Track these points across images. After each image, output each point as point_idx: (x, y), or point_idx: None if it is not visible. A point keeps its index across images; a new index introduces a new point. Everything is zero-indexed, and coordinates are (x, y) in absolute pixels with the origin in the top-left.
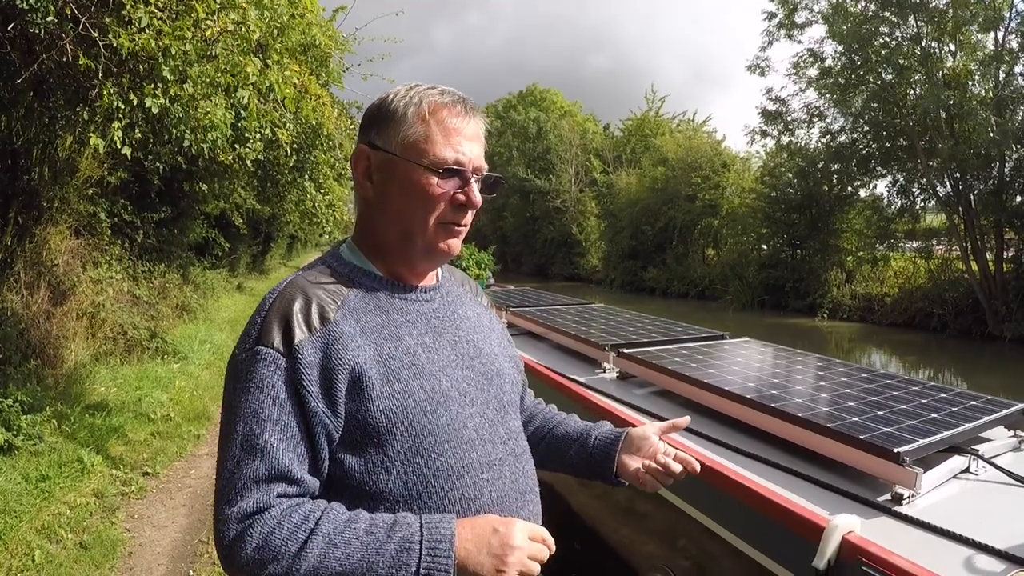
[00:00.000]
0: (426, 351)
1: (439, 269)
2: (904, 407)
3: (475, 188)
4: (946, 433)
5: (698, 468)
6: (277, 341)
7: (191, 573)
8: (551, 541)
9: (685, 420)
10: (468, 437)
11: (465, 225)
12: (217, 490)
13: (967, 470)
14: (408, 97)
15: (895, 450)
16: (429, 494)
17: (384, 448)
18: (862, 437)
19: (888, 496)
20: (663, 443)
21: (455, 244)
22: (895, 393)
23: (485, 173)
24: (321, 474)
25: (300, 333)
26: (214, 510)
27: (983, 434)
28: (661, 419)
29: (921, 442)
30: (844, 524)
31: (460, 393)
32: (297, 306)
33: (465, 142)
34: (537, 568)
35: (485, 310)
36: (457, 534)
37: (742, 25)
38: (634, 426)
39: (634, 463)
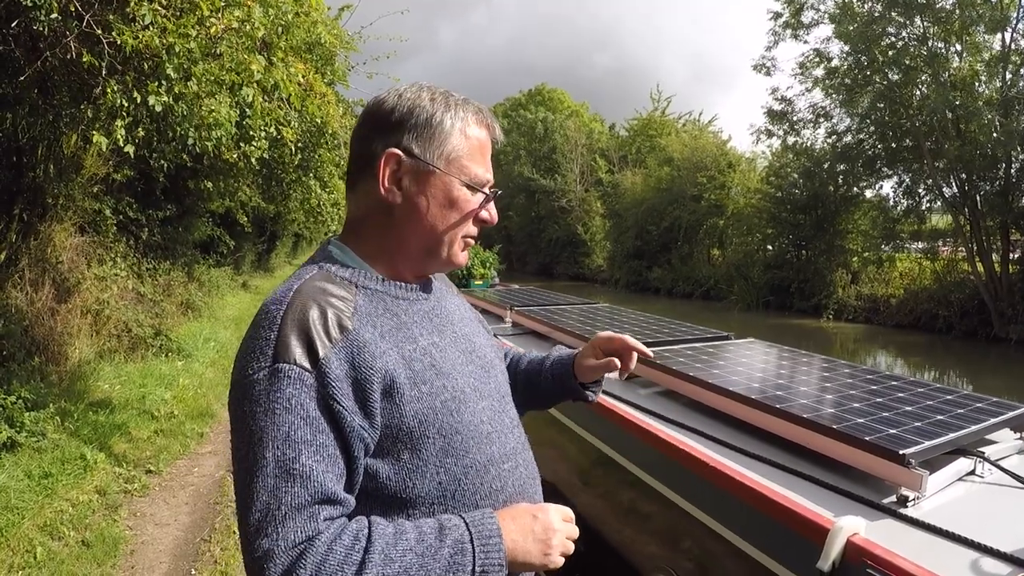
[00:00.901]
0: (438, 350)
1: None
2: (909, 409)
3: (493, 205)
4: (951, 435)
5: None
6: (299, 356)
7: (193, 572)
8: (574, 517)
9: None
10: (486, 431)
11: (477, 238)
12: (251, 524)
13: (972, 472)
14: (452, 109)
15: (900, 452)
16: (462, 492)
17: (419, 452)
18: (867, 439)
19: (893, 498)
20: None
21: (466, 256)
22: (900, 395)
23: (494, 190)
24: (355, 489)
25: (323, 345)
26: (249, 546)
27: (989, 436)
28: (666, 419)
29: (926, 444)
30: (849, 526)
31: (472, 389)
32: (313, 316)
33: (489, 161)
34: (572, 547)
35: (460, 300)
36: (502, 526)
37: (742, 25)
38: (638, 426)
39: (594, 361)
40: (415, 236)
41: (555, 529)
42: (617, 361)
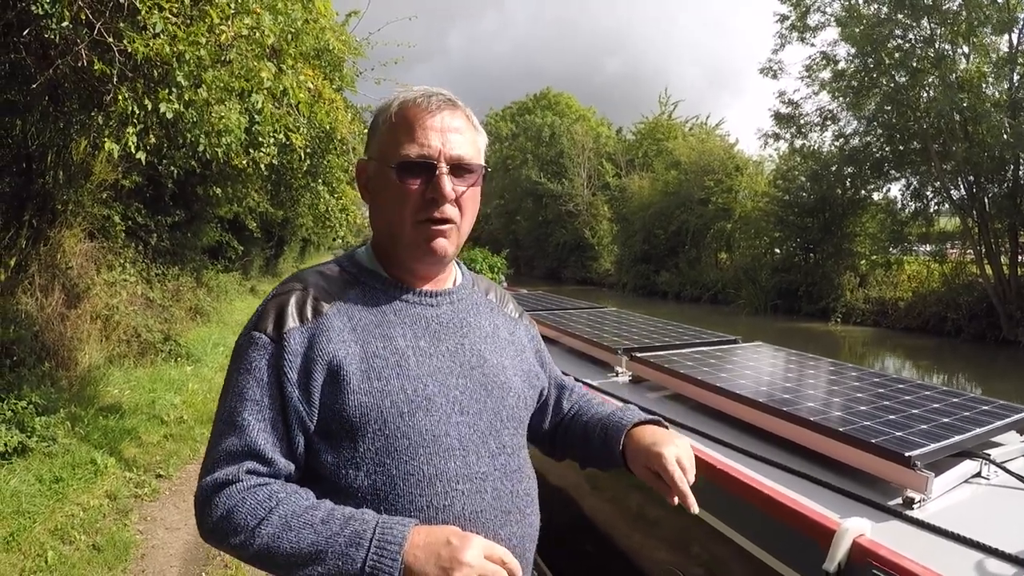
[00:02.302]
0: (417, 354)
1: (458, 275)
2: (916, 411)
3: (445, 180)
4: (958, 437)
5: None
6: (270, 328)
7: (203, 575)
8: (513, 565)
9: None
10: (448, 445)
11: (447, 219)
12: (204, 459)
13: (978, 474)
14: (386, 104)
15: (906, 454)
16: (396, 496)
17: (356, 444)
18: (873, 441)
19: (899, 500)
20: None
21: (441, 242)
22: (907, 397)
23: (466, 164)
24: (297, 459)
25: (292, 322)
26: (199, 475)
27: (995, 439)
28: (673, 422)
29: (932, 446)
30: (855, 528)
31: (448, 400)
32: (295, 297)
33: (432, 134)
34: None
35: (510, 321)
36: (409, 539)
37: (751, 28)
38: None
39: (648, 473)
40: (379, 228)
41: (463, 563)
42: (674, 497)
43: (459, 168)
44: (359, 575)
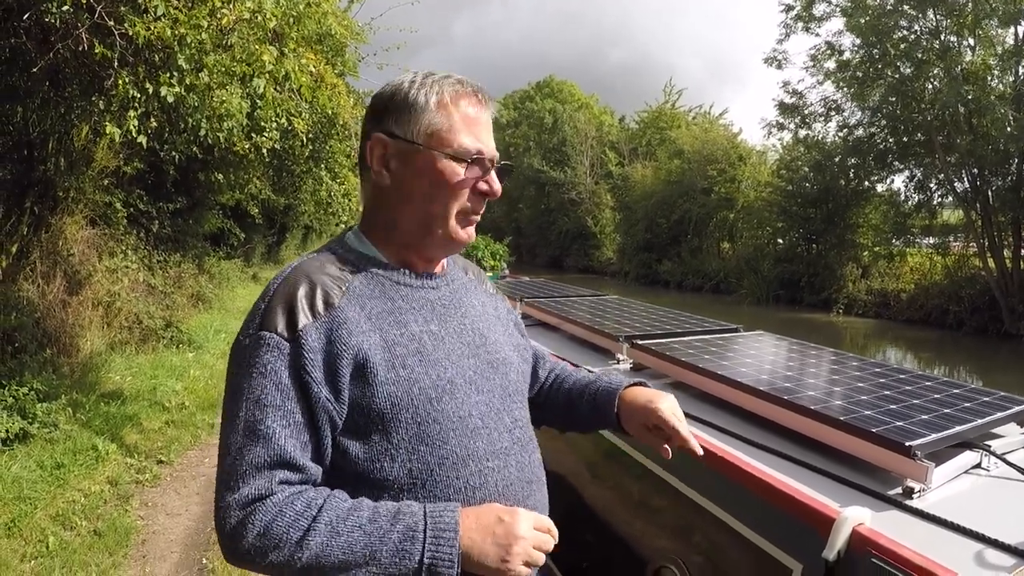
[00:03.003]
0: (432, 338)
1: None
2: (916, 402)
3: (495, 176)
4: (958, 428)
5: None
6: (281, 326)
7: (204, 560)
8: (554, 532)
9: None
10: (473, 425)
11: (481, 214)
12: (219, 476)
13: (978, 465)
14: (428, 86)
15: (906, 444)
16: (434, 482)
17: (388, 435)
18: (874, 430)
19: (899, 490)
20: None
21: (472, 232)
22: (908, 388)
23: (500, 163)
24: (324, 461)
25: (304, 318)
26: (216, 496)
27: (995, 430)
28: None
29: (932, 437)
30: (854, 516)
31: (466, 381)
32: (302, 291)
33: (485, 131)
34: (542, 558)
35: (491, 298)
36: (461, 523)
37: (754, 20)
38: None
39: (646, 432)
40: (407, 216)
41: (519, 536)
42: (668, 449)
43: (501, 168)
44: (418, 569)
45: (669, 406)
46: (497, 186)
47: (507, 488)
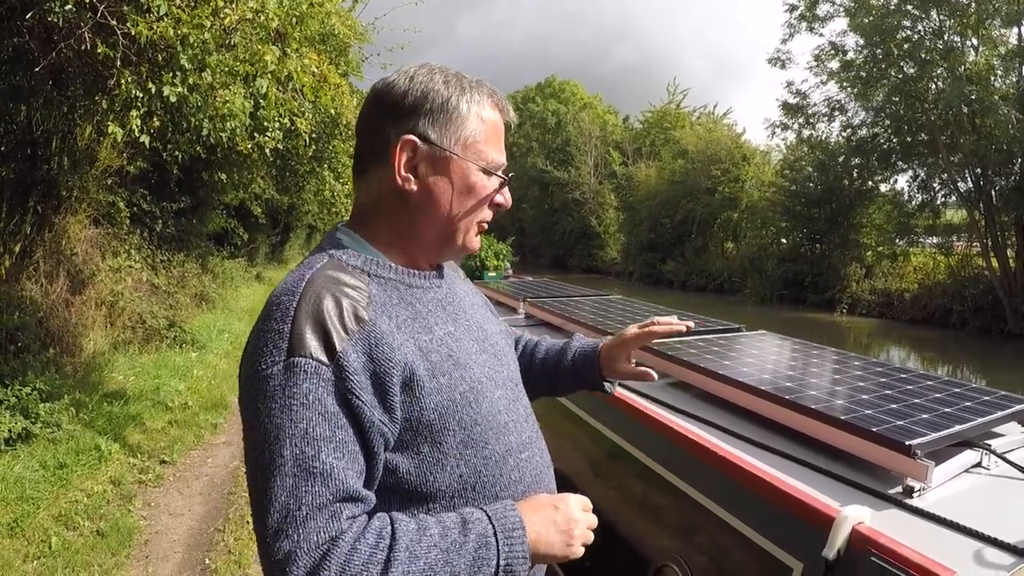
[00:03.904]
0: (453, 340)
1: None
2: (917, 401)
3: (507, 190)
4: (958, 427)
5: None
6: (315, 349)
7: (207, 561)
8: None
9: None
10: (503, 421)
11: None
12: (269, 525)
13: (979, 464)
14: (468, 94)
15: (907, 443)
16: (483, 484)
17: (439, 445)
18: (874, 429)
19: (899, 488)
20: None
21: (480, 241)
22: (909, 387)
23: (509, 174)
24: (375, 485)
25: (339, 338)
26: (267, 548)
27: (996, 429)
28: (676, 409)
29: (933, 436)
30: (854, 515)
31: (488, 378)
32: (328, 307)
33: (503, 145)
34: (592, 537)
35: (469, 285)
36: (524, 518)
37: (757, 20)
38: (649, 416)
39: (627, 366)
40: (432, 223)
41: (576, 519)
42: (654, 373)
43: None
44: (495, 572)
45: (633, 329)
46: (509, 199)
47: (538, 476)
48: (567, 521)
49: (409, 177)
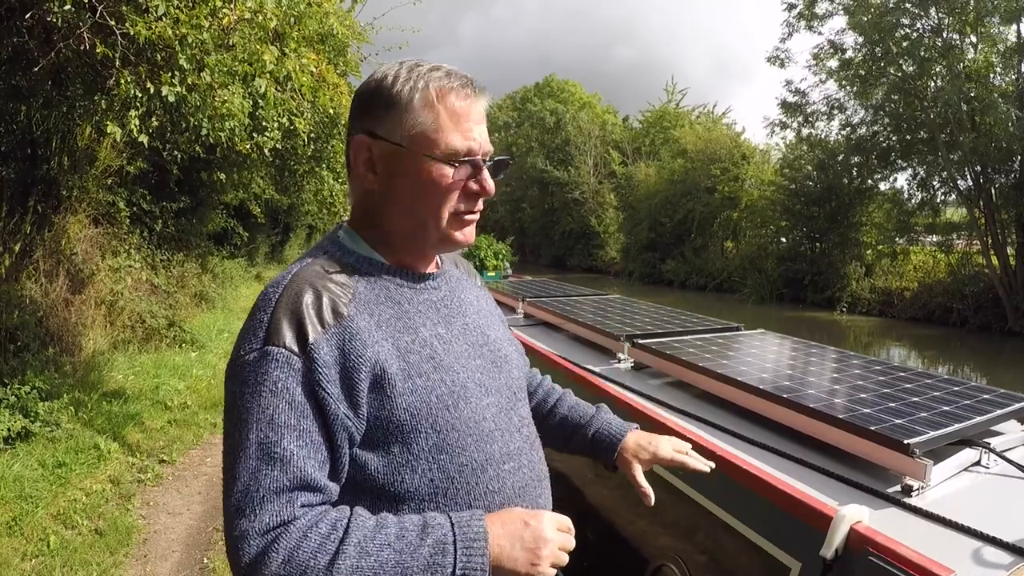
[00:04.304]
0: (441, 342)
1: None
2: (916, 399)
3: (487, 175)
4: (957, 426)
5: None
6: (289, 340)
7: (205, 560)
8: (573, 529)
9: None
10: (488, 429)
11: (479, 212)
12: (231, 504)
13: (978, 463)
14: (412, 81)
15: (905, 441)
16: (455, 491)
17: (409, 446)
18: (873, 428)
19: (898, 487)
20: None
21: (470, 233)
22: (908, 386)
23: (495, 158)
24: (340, 478)
25: (313, 330)
26: (228, 525)
27: (995, 427)
28: (674, 409)
29: (931, 434)
30: (852, 514)
31: (476, 384)
32: (307, 300)
33: (475, 127)
34: (566, 558)
35: (482, 291)
36: (489, 530)
37: (759, 18)
38: (647, 416)
39: (636, 470)
40: (396, 220)
41: (546, 539)
42: (652, 498)
43: (495, 163)
44: None
45: (668, 450)
46: (490, 185)
47: (523, 489)
48: (535, 539)
49: (368, 176)
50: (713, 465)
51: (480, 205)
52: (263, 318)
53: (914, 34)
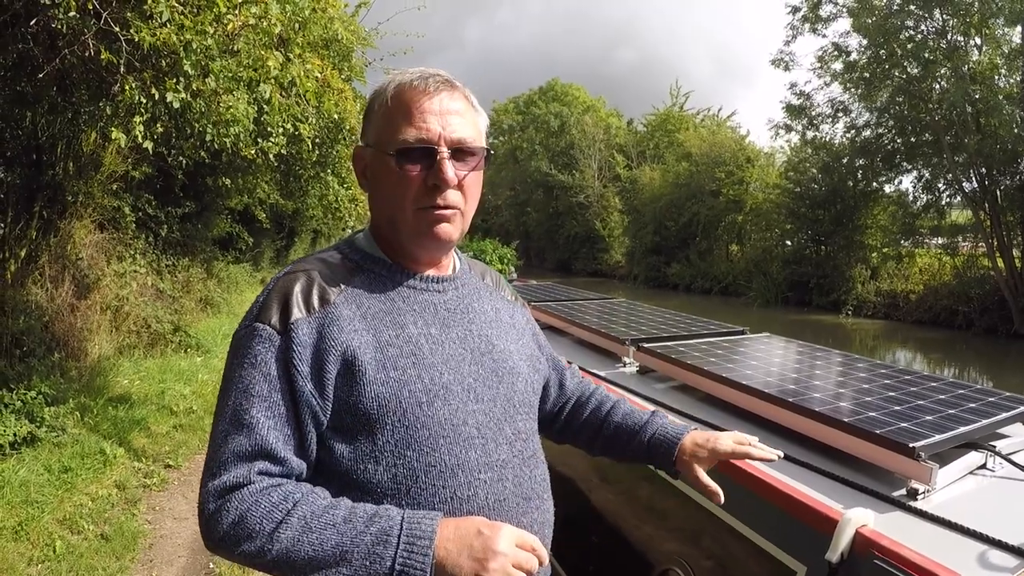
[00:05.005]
0: (430, 342)
1: (456, 260)
2: (922, 403)
3: (447, 165)
4: (963, 429)
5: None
6: (274, 319)
7: (211, 565)
8: (542, 552)
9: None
10: (467, 434)
11: (449, 206)
12: (205, 462)
13: (983, 466)
14: (384, 87)
15: (910, 445)
16: (419, 490)
17: (374, 437)
18: (878, 432)
19: (903, 491)
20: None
21: (445, 228)
22: (913, 389)
23: (468, 147)
24: (308, 457)
25: (297, 312)
26: (201, 481)
27: (1000, 430)
28: (680, 412)
29: (937, 437)
30: (858, 518)
31: (464, 388)
32: (299, 286)
33: (431, 117)
34: None
35: (508, 304)
36: (439, 532)
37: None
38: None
39: (698, 470)
40: (376, 219)
41: (497, 552)
42: (721, 496)
43: (460, 151)
44: (388, 574)
45: (728, 444)
46: (447, 175)
47: (500, 503)
48: (484, 550)
49: (363, 182)
50: (782, 454)
51: (450, 198)
52: (260, 299)
53: (918, 36)
